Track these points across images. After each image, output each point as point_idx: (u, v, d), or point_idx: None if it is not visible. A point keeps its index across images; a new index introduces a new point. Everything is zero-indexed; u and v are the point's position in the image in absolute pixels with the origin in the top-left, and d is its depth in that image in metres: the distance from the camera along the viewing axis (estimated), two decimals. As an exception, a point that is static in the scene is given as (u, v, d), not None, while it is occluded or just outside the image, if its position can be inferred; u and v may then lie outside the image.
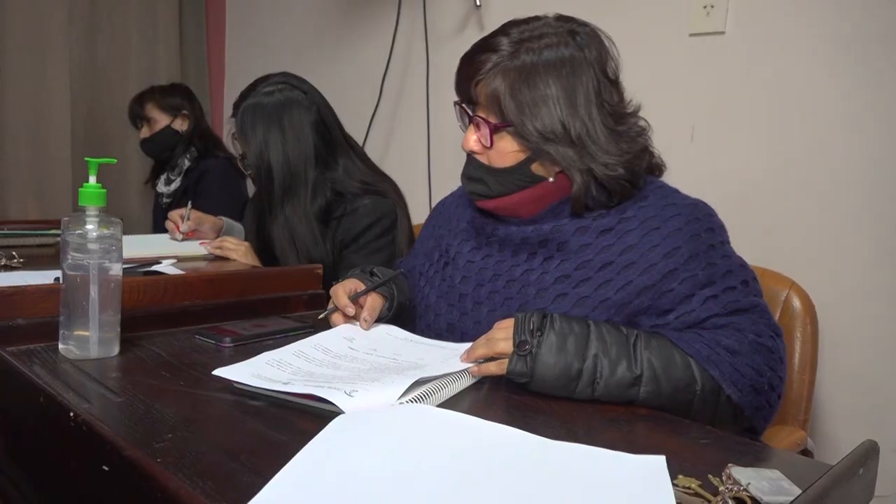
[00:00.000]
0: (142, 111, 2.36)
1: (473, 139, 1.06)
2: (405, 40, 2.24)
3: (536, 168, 1.04)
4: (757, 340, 0.95)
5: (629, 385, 0.89)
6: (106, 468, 0.65)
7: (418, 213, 2.04)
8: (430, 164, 2.16)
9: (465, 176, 1.11)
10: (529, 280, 1.06)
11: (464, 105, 1.09)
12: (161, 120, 2.37)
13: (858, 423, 1.38)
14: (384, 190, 1.73)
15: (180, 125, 2.38)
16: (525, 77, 1.00)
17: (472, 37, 2.06)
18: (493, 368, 0.92)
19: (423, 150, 2.18)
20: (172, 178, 2.39)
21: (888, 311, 1.34)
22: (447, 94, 2.13)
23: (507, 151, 1.04)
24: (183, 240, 1.88)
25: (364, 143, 2.26)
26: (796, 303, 1.25)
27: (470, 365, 0.94)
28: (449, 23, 2.12)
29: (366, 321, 1.10)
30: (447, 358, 0.98)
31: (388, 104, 2.31)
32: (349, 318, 1.12)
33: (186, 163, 2.37)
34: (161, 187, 2.42)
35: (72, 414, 0.71)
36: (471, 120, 1.07)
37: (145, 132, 2.38)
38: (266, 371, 0.88)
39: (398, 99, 2.30)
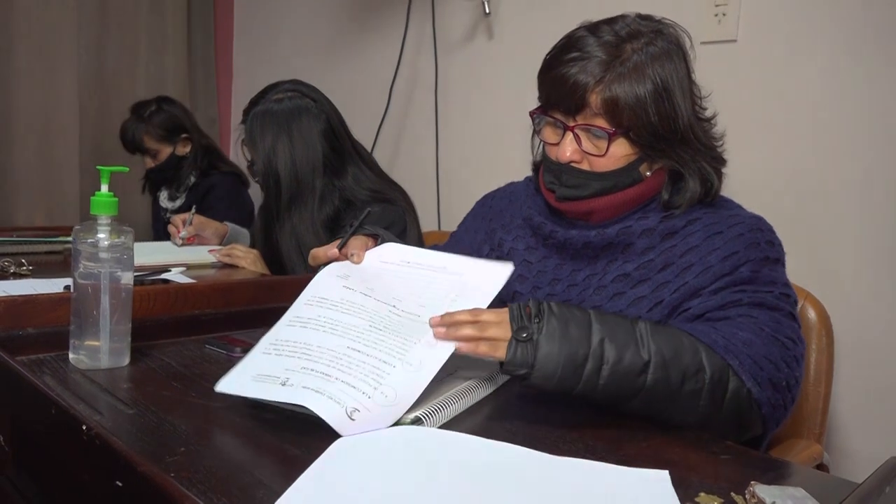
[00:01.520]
0: (142, 145, 2.30)
1: (573, 149, 1.03)
2: (414, 48, 2.24)
3: (643, 168, 1.04)
4: (773, 335, 0.92)
5: (638, 372, 0.83)
6: (119, 483, 0.64)
7: (427, 221, 2.04)
8: (438, 171, 2.16)
9: (559, 184, 1.05)
10: (591, 283, 1.05)
11: (558, 117, 1.04)
12: (164, 150, 2.33)
13: (874, 437, 1.36)
14: (394, 198, 1.72)
15: (182, 149, 2.35)
16: (640, 77, 0.98)
17: (481, 44, 2.08)
18: (485, 348, 0.83)
19: (432, 157, 2.17)
20: (177, 194, 2.37)
21: (904, 323, 1.32)
22: (456, 101, 2.15)
23: (620, 156, 1.02)
24: (182, 245, 1.88)
25: (372, 150, 2.26)
26: (811, 314, 1.24)
27: (463, 381, 0.89)
28: (458, 30, 2.12)
29: (355, 254, 1.01)
30: (446, 307, 0.90)
31: (396, 111, 2.31)
32: None
33: (191, 179, 2.35)
34: (165, 202, 2.40)
35: (84, 427, 0.70)
36: (568, 130, 1.03)
37: (150, 163, 2.35)
38: (263, 365, 0.83)
39: (407, 106, 2.29)
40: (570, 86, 1.00)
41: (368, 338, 0.85)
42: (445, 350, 0.84)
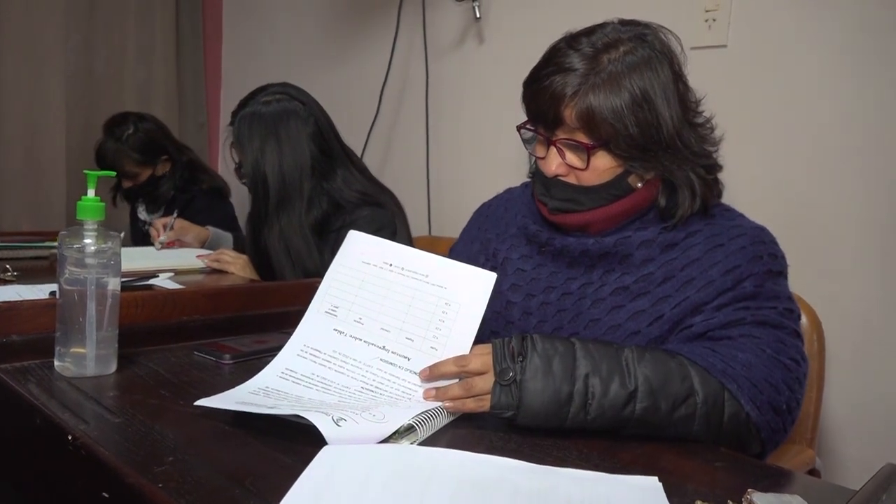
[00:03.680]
0: (122, 169, 2.26)
1: (557, 163, 1.02)
2: (404, 52, 2.23)
3: (632, 179, 1.02)
4: (775, 356, 0.90)
5: (623, 403, 0.82)
6: (106, 495, 0.63)
7: (418, 225, 2.03)
8: (429, 175, 2.15)
9: (549, 197, 1.05)
10: (586, 293, 1.03)
11: (541, 131, 1.03)
12: (144, 173, 2.30)
13: (866, 441, 1.36)
14: (383, 201, 1.72)
15: (162, 169, 2.32)
16: (615, 87, 0.96)
17: (472, 49, 2.08)
18: (471, 405, 0.85)
19: (422, 161, 2.16)
20: (156, 208, 2.34)
21: (895, 328, 1.33)
22: (446, 105, 2.14)
23: (603, 169, 1.00)
24: (161, 248, 1.89)
25: (362, 154, 2.25)
26: (803, 319, 1.24)
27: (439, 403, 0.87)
28: (448, 35, 2.12)
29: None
30: (430, 342, 0.92)
31: (386, 115, 2.30)
32: None
33: (171, 193, 2.33)
34: (143, 214, 2.38)
35: (70, 437, 0.69)
36: (551, 144, 1.02)
37: (128, 183, 2.32)
38: (250, 398, 0.84)
39: (397, 110, 2.29)
40: (546, 100, 0.99)
41: (360, 398, 0.87)
42: (433, 405, 0.86)
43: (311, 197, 1.64)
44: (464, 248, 1.27)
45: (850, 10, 1.36)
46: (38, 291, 1.26)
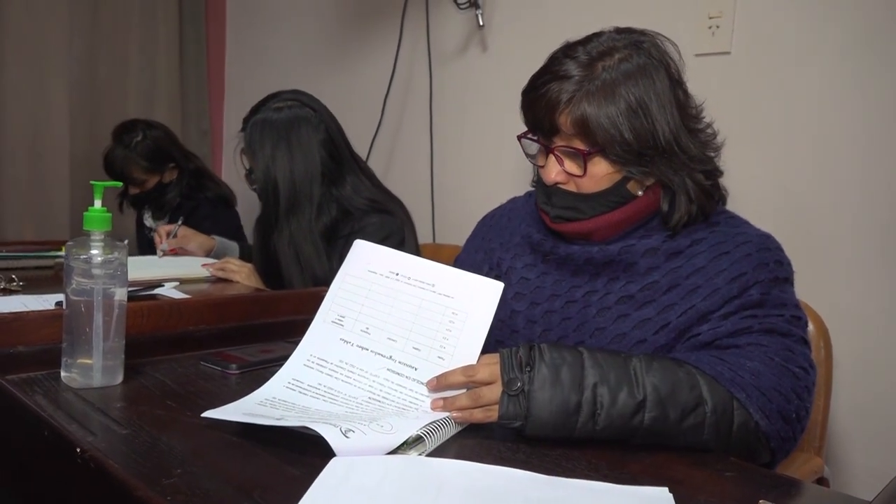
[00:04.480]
0: (129, 176, 2.27)
1: (556, 171, 1.02)
2: (408, 60, 2.24)
3: (632, 186, 1.02)
4: (783, 364, 0.90)
5: (632, 413, 0.82)
6: (115, 508, 0.63)
7: (421, 232, 2.03)
8: (433, 183, 2.15)
9: (551, 205, 1.05)
10: (591, 301, 1.03)
11: (540, 139, 1.04)
12: (151, 180, 2.31)
13: (874, 449, 1.36)
14: (392, 209, 1.72)
15: (169, 177, 2.33)
16: (609, 95, 0.97)
17: (475, 56, 2.08)
18: (479, 415, 0.84)
19: (426, 168, 2.17)
20: (161, 214, 2.35)
21: (902, 334, 1.32)
22: (450, 113, 2.15)
23: (601, 175, 1.00)
24: (163, 256, 1.90)
25: (366, 161, 2.25)
26: (809, 326, 1.23)
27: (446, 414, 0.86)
28: (452, 42, 2.12)
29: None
30: (437, 352, 0.91)
31: (390, 123, 2.30)
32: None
33: (177, 199, 2.33)
34: (149, 221, 2.38)
35: (78, 450, 0.68)
36: (549, 152, 1.03)
37: (135, 190, 2.33)
38: (258, 409, 0.84)
39: (400, 118, 2.29)
40: (542, 107, 1.00)
41: (367, 408, 0.86)
42: (441, 415, 0.85)
43: (320, 203, 1.65)
44: (468, 259, 1.27)
45: (852, 17, 1.36)
46: (44, 302, 1.26)
